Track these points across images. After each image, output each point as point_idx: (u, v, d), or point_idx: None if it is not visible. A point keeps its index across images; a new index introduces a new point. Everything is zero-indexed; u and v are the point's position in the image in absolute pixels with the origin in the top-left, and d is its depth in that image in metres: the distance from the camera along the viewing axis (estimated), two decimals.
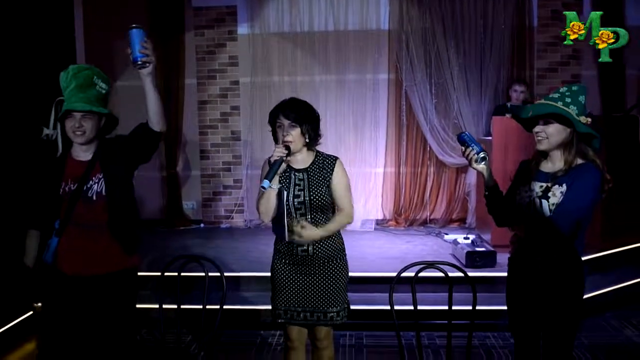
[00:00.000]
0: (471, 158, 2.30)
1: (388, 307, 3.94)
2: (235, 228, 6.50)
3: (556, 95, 2.27)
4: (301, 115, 2.51)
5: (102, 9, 6.05)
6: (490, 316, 3.87)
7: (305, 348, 2.73)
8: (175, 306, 2.77)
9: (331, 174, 2.56)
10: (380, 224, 6.39)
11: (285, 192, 2.49)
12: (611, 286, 4.45)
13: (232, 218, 6.59)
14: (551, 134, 2.24)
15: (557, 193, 2.21)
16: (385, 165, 6.42)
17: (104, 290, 2.45)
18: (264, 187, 2.34)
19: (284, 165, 2.44)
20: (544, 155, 2.33)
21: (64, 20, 4.92)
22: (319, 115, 2.61)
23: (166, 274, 2.78)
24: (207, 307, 2.74)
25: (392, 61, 6.29)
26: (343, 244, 2.66)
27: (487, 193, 2.35)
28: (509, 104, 5.64)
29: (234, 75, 6.49)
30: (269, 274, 4.50)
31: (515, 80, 5.88)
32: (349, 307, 2.67)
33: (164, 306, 2.79)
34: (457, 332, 2.71)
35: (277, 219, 2.51)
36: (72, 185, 2.41)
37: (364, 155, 6.31)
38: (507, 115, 5.22)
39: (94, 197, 2.41)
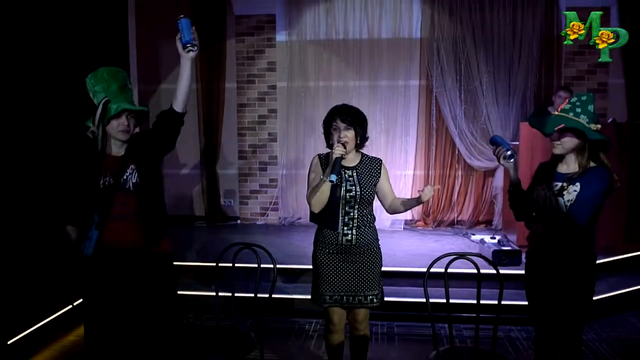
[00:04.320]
0: (500, 155, 2.64)
1: (418, 300, 4.27)
2: (270, 225, 6.84)
3: (567, 107, 2.58)
4: (355, 119, 2.83)
5: (151, 18, 6.45)
6: (514, 311, 4.10)
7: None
8: (230, 294, 3.14)
9: (379, 174, 2.90)
10: (409, 224, 6.64)
11: (341, 188, 2.79)
12: (632, 287, 4.64)
13: (267, 215, 6.94)
14: (564, 142, 2.57)
15: (571, 191, 2.52)
16: (415, 167, 6.66)
17: (144, 269, 2.55)
18: (332, 181, 2.63)
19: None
20: (560, 158, 2.64)
21: (120, 27, 5.35)
22: (367, 120, 2.92)
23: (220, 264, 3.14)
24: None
25: (423, 68, 6.53)
26: (377, 234, 2.96)
27: (511, 188, 2.70)
28: (550, 109, 5.76)
29: (272, 80, 6.84)
30: (303, 266, 4.78)
31: (561, 86, 5.89)
32: (383, 291, 2.96)
33: (220, 294, 3.16)
34: (482, 325, 2.97)
35: (329, 211, 2.81)
36: (110, 179, 2.51)
37: (395, 158, 6.56)
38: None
39: (131, 188, 2.53)
